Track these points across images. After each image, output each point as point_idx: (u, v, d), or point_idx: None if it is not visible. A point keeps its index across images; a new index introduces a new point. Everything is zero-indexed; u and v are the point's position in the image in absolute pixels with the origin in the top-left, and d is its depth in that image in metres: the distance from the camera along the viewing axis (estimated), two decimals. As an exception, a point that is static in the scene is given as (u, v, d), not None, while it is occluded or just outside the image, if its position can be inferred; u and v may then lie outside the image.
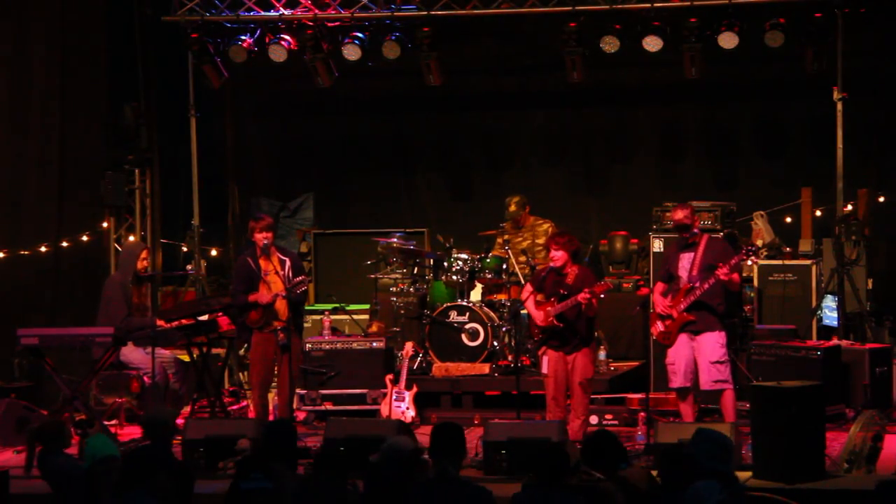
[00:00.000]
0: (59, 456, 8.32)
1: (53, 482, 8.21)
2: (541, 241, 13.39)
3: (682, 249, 10.63)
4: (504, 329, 12.57)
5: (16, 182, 13.78)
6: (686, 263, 10.54)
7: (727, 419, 10.24)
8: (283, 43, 14.23)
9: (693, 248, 10.56)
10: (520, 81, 15.88)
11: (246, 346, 11.98)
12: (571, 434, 10.42)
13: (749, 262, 10.37)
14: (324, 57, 14.32)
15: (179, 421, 11.61)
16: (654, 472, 7.78)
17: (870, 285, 13.51)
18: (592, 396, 11.38)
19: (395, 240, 13.43)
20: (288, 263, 11.12)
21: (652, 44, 13.61)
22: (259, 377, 11.19)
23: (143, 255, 11.96)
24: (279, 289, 10.95)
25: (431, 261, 13.23)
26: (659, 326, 10.63)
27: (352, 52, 14.20)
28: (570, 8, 13.68)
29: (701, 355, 10.40)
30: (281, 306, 11.05)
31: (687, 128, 15.83)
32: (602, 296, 10.73)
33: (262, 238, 11.05)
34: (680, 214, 10.69)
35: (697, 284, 10.37)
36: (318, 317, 13.73)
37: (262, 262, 11.07)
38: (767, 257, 13.35)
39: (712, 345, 10.38)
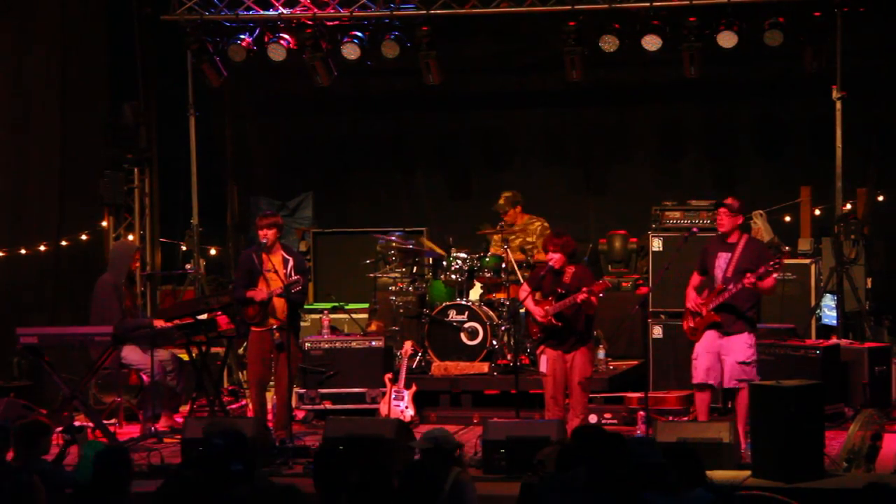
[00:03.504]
0: (37, 462, 8.03)
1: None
2: (532, 238, 13.41)
3: (722, 247, 10.53)
4: (503, 328, 12.57)
5: (16, 181, 13.79)
6: (723, 263, 10.41)
7: (739, 418, 10.23)
8: (282, 42, 14.22)
9: (732, 247, 10.48)
10: (519, 80, 15.87)
11: (245, 344, 11.98)
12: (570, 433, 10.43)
13: (776, 276, 10.28)
14: (323, 56, 14.32)
15: (179, 419, 11.67)
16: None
17: (869, 284, 13.51)
18: (592, 395, 11.38)
19: (394, 239, 13.43)
20: (291, 263, 11.11)
21: (651, 43, 13.60)
22: (256, 376, 11.18)
23: (136, 256, 11.92)
24: (277, 287, 10.95)
25: (430, 260, 13.24)
26: (689, 321, 10.55)
27: (351, 51, 14.20)
28: (569, 7, 13.68)
29: (729, 355, 10.33)
30: (279, 304, 11.04)
31: (686, 127, 15.83)
32: (601, 294, 10.72)
33: (262, 235, 11.05)
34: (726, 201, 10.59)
35: (730, 287, 10.31)
36: (317, 316, 13.74)
37: (264, 258, 11.06)
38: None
39: (741, 346, 10.31)
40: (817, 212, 14.31)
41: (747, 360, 10.32)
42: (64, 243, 13.82)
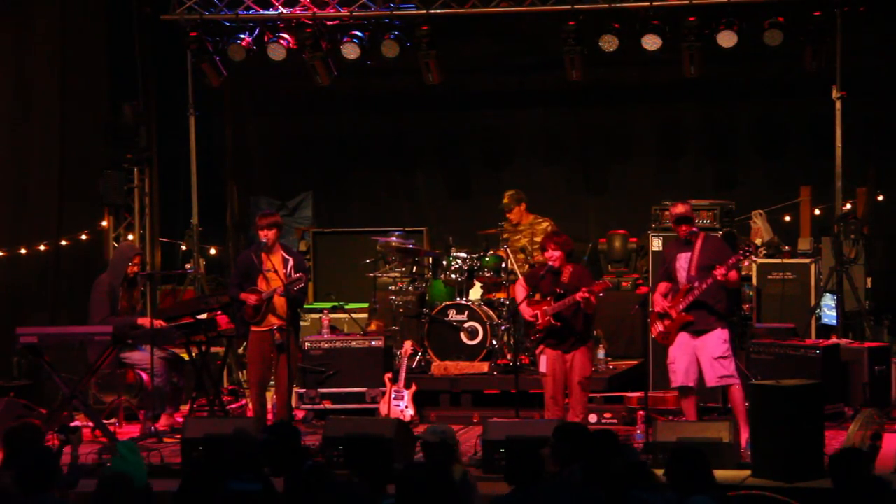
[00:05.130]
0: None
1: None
2: (539, 238, 13.38)
3: (679, 249, 10.58)
4: (503, 328, 12.56)
5: (16, 181, 13.78)
6: (684, 263, 10.48)
7: (737, 415, 10.22)
8: (281, 42, 14.23)
9: (690, 247, 10.51)
10: (519, 80, 15.87)
11: (245, 343, 11.98)
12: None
13: (747, 263, 10.29)
14: (323, 55, 14.32)
15: (179, 419, 11.67)
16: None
17: (868, 284, 13.50)
18: (592, 395, 11.38)
19: (394, 238, 13.43)
20: (291, 263, 11.13)
21: (651, 42, 13.60)
22: (257, 376, 11.19)
23: (136, 260, 11.92)
24: (277, 286, 10.95)
25: (430, 259, 13.23)
26: (658, 326, 10.57)
27: (351, 51, 14.21)
28: (569, 7, 13.68)
29: (704, 353, 10.36)
30: (279, 303, 11.04)
31: (686, 126, 15.83)
32: (601, 294, 10.72)
33: (263, 235, 11.06)
34: (681, 208, 10.64)
35: (696, 284, 10.33)
36: (316, 315, 13.73)
37: (263, 257, 11.07)
38: (766, 256, 13.35)
39: (714, 342, 10.34)
40: (817, 212, 14.31)
41: (723, 355, 10.33)
42: (64, 243, 13.81)
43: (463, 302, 12.78)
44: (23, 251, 13.43)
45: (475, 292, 13.21)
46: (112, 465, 7.76)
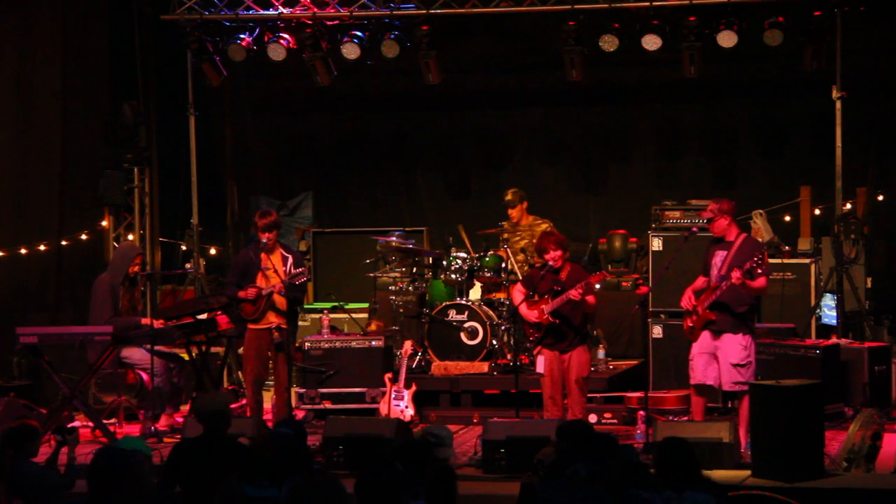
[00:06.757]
0: (26, 464, 7.95)
1: (20, 492, 7.86)
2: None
3: (719, 246, 10.52)
4: (503, 328, 12.56)
5: (17, 181, 13.79)
6: (718, 261, 10.39)
7: (741, 422, 10.19)
8: (281, 41, 14.24)
9: (729, 246, 10.46)
10: (519, 80, 15.88)
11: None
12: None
13: (760, 270, 10.18)
14: (323, 55, 14.33)
15: (179, 419, 11.68)
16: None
17: (869, 284, 13.51)
18: (592, 395, 11.38)
19: (394, 238, 13.43)
20: (290, 260, 11.13)
21: (651, 42, 13.60)
22: (253, 374, 11.17)
23: (137, 260, 11.91)
24: (274, 284, 10.94)
25: (430, 259, 13.24)
26: (687, 322, 10.49)
27: (351, 51, 14.22)
28: (569, 7, 13.69)
29: (722, 356, 10.28)
30: (279, 301, 11.04)
31: (686, 126, 15.84)
32: (597, 286, 10.70)
33: (263, 238, 11.04)
34: (708, 207, 10.59)
35: (723, 284, 10.27)
36: (317, 315, 13.73)
37: (262, 257, 11.07)
38: (766, 256, 13.34)
39: (734, 347, 10.24)
40: (817, 212, 14.32)
41: (741, 362, 10.24)
42: (64, 243, 13.82)
43: (463, 302, 12.79)
44: (23, 251, 13.44)
45: (475, 292, 13.21)
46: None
